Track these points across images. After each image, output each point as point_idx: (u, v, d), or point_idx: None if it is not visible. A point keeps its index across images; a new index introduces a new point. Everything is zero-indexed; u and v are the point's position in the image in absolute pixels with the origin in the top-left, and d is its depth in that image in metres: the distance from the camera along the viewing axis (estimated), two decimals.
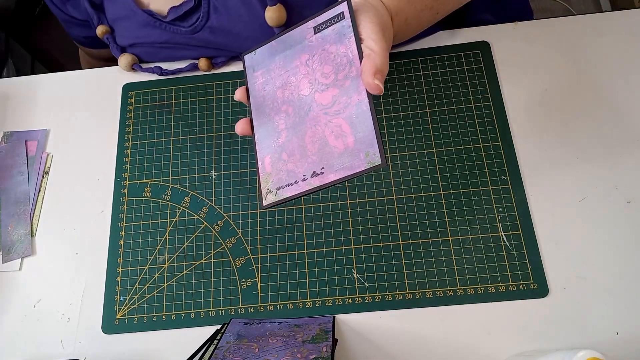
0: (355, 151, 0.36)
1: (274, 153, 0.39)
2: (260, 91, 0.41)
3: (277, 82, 0.40)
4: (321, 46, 0.39)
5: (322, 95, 0.38)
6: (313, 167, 0.37)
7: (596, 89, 0.57)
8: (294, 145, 0.38)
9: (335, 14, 0.39)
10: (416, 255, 0.52)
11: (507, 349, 0.48)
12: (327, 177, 0.36)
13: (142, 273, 0.54)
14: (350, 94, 0.37)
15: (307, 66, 0.39)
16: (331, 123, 0.37)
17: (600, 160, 0.54)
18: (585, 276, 0.50)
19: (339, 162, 0.36)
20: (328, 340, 0.43)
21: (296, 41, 0.40)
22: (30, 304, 0.54)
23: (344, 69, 0.37)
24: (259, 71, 0.42)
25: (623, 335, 0.47)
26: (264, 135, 0.40)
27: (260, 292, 0.52)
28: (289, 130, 0.39)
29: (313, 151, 0.37)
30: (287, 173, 0.38)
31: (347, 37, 0.38)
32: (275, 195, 0.38)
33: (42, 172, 0.60)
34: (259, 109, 0.40)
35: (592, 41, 0.59)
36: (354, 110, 0.36)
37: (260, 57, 0.42)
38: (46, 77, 0.66)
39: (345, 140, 0.36)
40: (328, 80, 0.38)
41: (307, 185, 0.37)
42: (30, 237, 0.57)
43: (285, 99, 0.39)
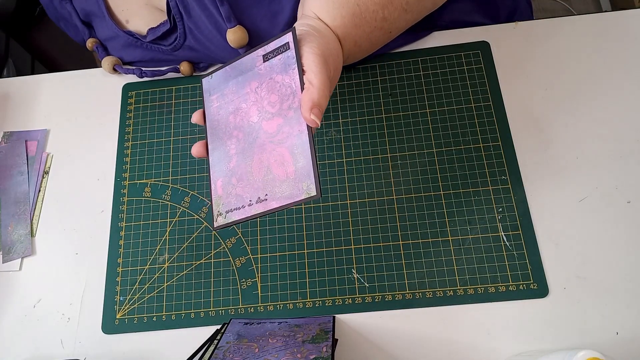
0: (295, 180, 0.37)
1: (225, 177, 0.40)
2: (215, 115, 0.42)
3: (230, 107, 0.41)
4: (269, 75, 0.40)
5: (268, 123, 0.39)
6: (258, 193, 0.38)
7: (596, 89, 0.57)
8: (243, 171, 0.39)
9: (282, 44, 0.39)
10: (416, 255, 0.52)
11: (507, 349, 0.48)
12: (269, 204, 0.37)
13: (142, 273, 0.54)
14: (293, 124, 0.38)
15: (257, 93, 0.40)
16: (275, 151, 0.38)
17: (600, 160, 0.54)
18: (585, 276, 0.50)
19: (279, 191, 0.37)
20: (328, 340, 0.43)
21: (247, 68, 0.41)
22: (30, 304, 0.54)
23: (288, 99, 0.38)
24: (214, 95, 0.43)
25: (623, 335, 0.47)
26: (217, 158, 0.41)
27: (260, 292, 0.52)
28: (239, 155, 0.40)
29: (259, 177, 0.38)
30: (236, 197, 0.39)
31: (291, 68, 0.39)
32: (225, 218, 0.39)
33: (42, 172, 0.60)
34: (214, 133, 0.41)
35: (592, 41, 0.59)
36: (295, 141, 0.37)
37: (216, 81, 0.43)
38: (46, 77, 0.66)
39: (286, 169, 0.37)
40: (274, 109, 0.39)
41: (253, 210, 0.38)
42: (30, 237, 0.57)
43: (236, 124, 0.40)
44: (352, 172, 0.56)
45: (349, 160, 0.56)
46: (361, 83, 0.60)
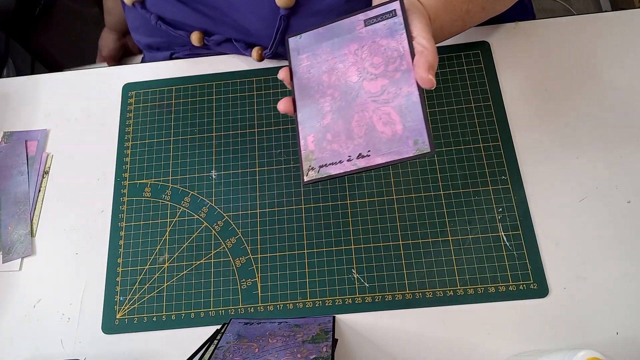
0: (403, 138, 0.38)
1: (318, 133, 0.41)
2: (305, 73, 0.43)
3: (324, 66, 0.42)
4: (371, 38, 0.41)
5: (370, 83, 0.40)
6: (359, 149, 0.39)
7: (596, 89, 0.57)
8: (340, 128, 0.40)
9: (387, 11, 0.41)
10: (416, 255, 0.52)
11: (507, 349, 0.48)
12: (373, 160, 0.38)
13: (142, 273, 0.54)
14: (400, 85, 0.39)
15: (356, 55, 0.41)
16: (379, 110, 0.39)
17: (600, 160, 0.54)
18: (585, 276, 0.50)
19: (386, 147, 0.38)
20: (328, 340, 0.43)
21: (345, 31, 0.42)
22: (30, 304, 0.54)
23: (395, 62, 0.40)
24: (304, 54, 0.44)
25: (623, 335, 0.47)
26: (307, 115, 0.42)
27: (260, 292, 0.52)
28: (335, 112, 0.41)
29: (359, 134, 0.39)
30: (332, 152, 0.40)
31: (398, 33, 0.40)
32: (318, 173, 0.39)
33: (42, 172, 0.60)
34: (303, 91, 0.42)
35: (592, 41, 0.59)
36: (403, 101, 0.38)
37: (306, 41, 0.44)
38: (46, 77, 0.66)
39: (393, 127, 0.38)
40: (377, 70, 0.40)
41: (353, 165, 0.39)
42: (30, 237, 0.57)
43: (331, 83, 0.42)
44: None
45: None
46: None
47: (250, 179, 0.57)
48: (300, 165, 0.41)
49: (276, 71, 0.61)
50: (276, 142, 0.58)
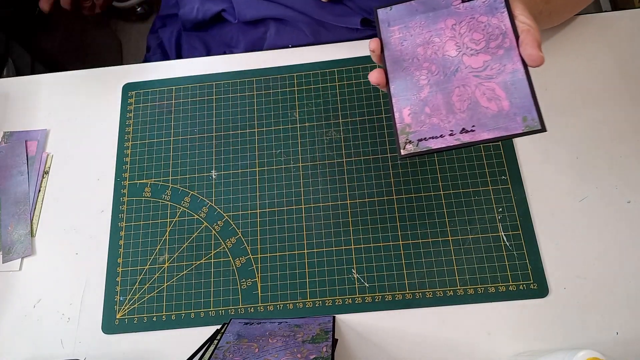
0: (510, 114, 0.37)
1: (414, 106, 0.40)
2: (397, 45, 0.42)
3: (418, 39, 0.42)
4: (470, 14, 0.41)
5: (471, 58, 0.40)
6: (462, 124, 0.38)
7: (596, 89, 0.57)
8: (439, 101, 0.40)
9: None
10: (416, 255, 0.52)
11: (507, 349, 0.48)
12: (479, 135, 0.38)
13: (142, 273, 0.54)
14: (504, 62, 0.39)
15: (454, 30, 0.41)
16: (482, 85, 0.39)
17: (600, 160, 0.54)
18: (585, 276, 0.50)
19: (492, 123, 0.38)
20: (328, 340, 0.43)
21: (440, 5, 0.42)
22: (30, 304, 0.54)
23: (497, 39, 0.40)
24: (395, 26, 0.43)
25: (623, 335, 0.47)
26: (402, 87, 0.41)
27: (260, 292, 0.52)
28: (432, 86, 0.40)
29: (461, 109, 0.39)
30: (431, 126, 0.39)
31: (499, 11, 0.40)
32: (417, 146, 0.39)
33: (42, 172, 0.60)
34: (396, 63, 0.42)
35: (592, 41, 0.59)
36: (508, 77, 0.38)
37: (397, 13, 0.43)
38: (46, 77, 0.66)
39: (499, 103, 0.38)
40: (478, 46, 0.40)
41: (456, 140, 0.38)
42: (30, 237, 0.57)
43: (427, 56, 0.41)
44: (352, 172, 0.56)
45: (349, 160, 0.56)
46: (361, 83, 0.60)
47: (250, 179, 0.57)
48: (395, 139, 0.40)
49: (277, 70, 0.62)
50: (276, 142, 0.58)
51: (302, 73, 0.61)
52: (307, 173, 0.56)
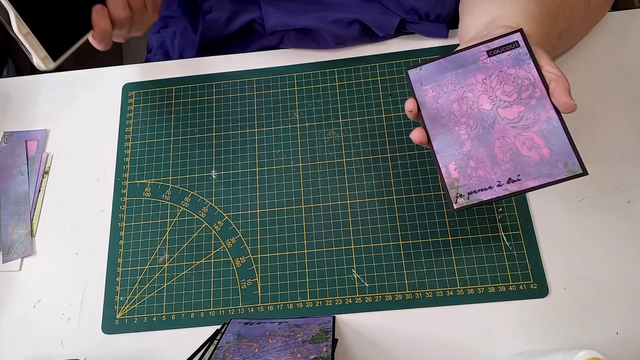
0: (552, 161, 0.39)
1: (459, 160, 0.42)
2: (433, 103, 0.44)
3: (452, 96, 0.43)
4: (498, 68, 0.43)
5: (506, 110, 0.41)
6: (508, 174, 0.40)
7: (596, 89, 0.57)
8: (482, 154, 0.41)
9: (509, 42, 0.43)
10: (416, 255, 0.52)
11: (507, 349, 0.48)
12: (525, 184, 0.40)
13: (142, 273, 0.54)
14: (538, 111, 0.40)
15: (485, 84, 0.43)
16: (521, 135, 0.40)
17: (600, 160, 0.54)
18: (585, 276, 0.50)
19: (536, 171, 0.39)
20: (328, 340, 0.43)
21: (469, 61, 0.44)
22: (30, 304, 0.54)
23: (527, 89, 0.41)
24: (427, 85, 0.45)
25: (623, 335, 0.47)
26: (444, 144, 0.43)
27: (260, 292, 0.52)
28: (473, 140, 0.42)
29: (505, 160, 0.41)
30: (479, 179, 0.41)
31: (525, 63, 0.42)
32: (468, 199, 0.41)
33: (42, 172, 0.60)
34: (435, 120, 0.43)
35: (592, 41, 0.59)
36: (544, 126, 0.40)
37: (427, 72, 0.45)
38: (46, 77, 0.66)
39: (539, 151, 0.40)
40: (511, 98, 0.42)
41: (504, 190, 0.40)
42: (30, 237, 0.57)
43: (463, 112, 0.43)
44: (352, 172, 0.56)
45: (349, 160, 0.56)
46: (361, 83, 0.60)
47: (250, 179, 0.57)
48: (446, 193, 0.42)
49: (277, 70, 0.62)
50: (276, 142, 0.58)
51: (302, 73, 0.61)
52: (307, 173, 0.56)
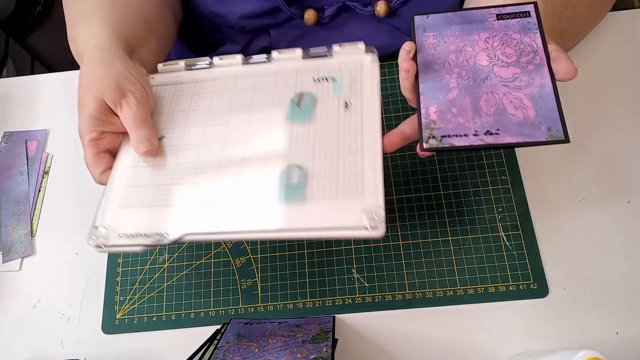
0: (536, 123, 0.39)
1: (442, 105, 0.42)
2: (430, 50, 0.44)
3: (451, 47, 0.44)
4: (503, 31, 0.43)
5: (501, 69, 0.42)
6: (487, 126, 0.40)
7: (596, 89, 0.57)
8: (466, 104, 0.41)
9: (522, 10, 0.43)
10: (416, 255, 0.52)
11: (507, 349, 0.48)
12: (502, 138, 0.39)
13: (142, 273, 0.54)
14: (533, 76, 0.41)
15: (487, 43, 0.43)
16: (510, 94, 0.40)
17: (600, 160, 0.54)
18: (585, 276, 0.50)
19: (517, 129, 0.39)
20: (328, 340, 0.43)
21: (476, 20, 0.44)
22: (30, 304, 0.54)
23: (528, 55, 0.42)
24: (430, 32, 0.45)
25: (623, 335, 0.47)
26: (431, 87, 0.43)
27: (260, 292, 0.52)
28: (462, 89, 0.42)
29: (488, 113, 0.40)
30: (456, 125, 0.41)
31: (532, 32, 0.42)
32: (440, 142, 0.40)
33: (42, 172, 0.60)
34: (427, 65, 0.44)
35: (592, 41, 0.59)
36: (536, 90, 0.40)
37: (433, 21, 0.45)
38: (46, 77, 0.66)
39: (525, 112, 0.40)
40: (509, 59, 0.42)
41: (479, 140, 0.40)
42: (30, 237, 0.57)
43: (458, 63, 0.43)
44: None
45: None
46: None
47: None
48: (419, 133, 0.41)
49: None
50: None
51: None
52: None
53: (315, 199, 0.42)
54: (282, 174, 0.43)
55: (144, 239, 0.42)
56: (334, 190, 0.42)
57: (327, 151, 0.44)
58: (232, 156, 0.45)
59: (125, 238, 0.42)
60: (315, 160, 0.44)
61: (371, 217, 0.41)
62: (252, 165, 0.44)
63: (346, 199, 0.42)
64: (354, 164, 0.43)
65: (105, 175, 0.46)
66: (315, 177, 0.43)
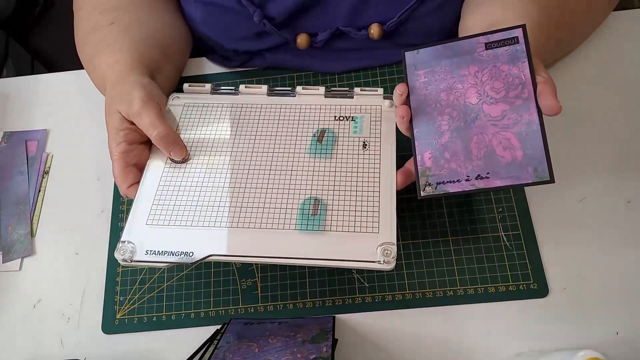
0: (523, 164, 0.40)
1: (435, 150, 0.43)
2: (422, 90, 0.44)
3: (442, 84, 0.44)
4: (492, 62, 0.43)
5: (491, 107, 0.42)
6: (478, 170, 0.41)
7: (596, 88, 0.57)
8: (458, 147, 0.42)
9: (510, 37, 0.42)
10: (416, 255, 0.52)
11: (507, 349, 0.48)
12: (492, 182, 0.40)
13: (142, 273, 0.54)
14: (521, 112, 0.41)
15: (476, 77, 0.43)
16: (499, 134, 0.41)
17: (601, 160, 0.54)
18: (585, 276, 0.50)
19: (505, 171, 0.40)
20: (328, 340, 0.43)
21: (465, 51, 0.44)
22: (30, 304, 0.54)
23: (516, 88, 0.41)
24: (421, 70, 0.45)
25: (623, 335, 0.47)
26: (424, 132, 0.44)
27: (260, 292, 0.52)
28: (453, 132, 0.42)
29: (478, 156, 0.41)
30: (449, 171, 0.42)
31: (520, 61, 0.42)
32: (435, 189, 0.42)
33: (42, 172, 0.60)
34: (420, 107, 0.44)
35: (592, 41, 0.59)
36: (524, 128, 0.41)
37: (424, 57, 0.45)
38: (46, 77, 0.66)
39: (513, 152, 0.40)
40: (498, 95, 0.42)
41: (471, 185, 0.41)
42: (30, 237, 0.57)
43: (449, 102, 0.43)
44: None
45: None
46: (361, 83, 0.60)
47: None
48: (416, 180, 0.43)
49: (280, 73, 0.62)
50: None
51: (302, 73, 0.61)
52: None
53: (333, 231, 0.44)
54: (302, 205, 0.46)
55: (170, 257, 0.44)
56: (350, 224, 0.45)
57: (346, 187, 0.47)
58: (256, 183, 0.48)
59: (151, 255, 0.44)
60: (334, 195, 0.46)
61: (385, 253, 0.43)
62: (275, 194, 0.47)
63: (362, 233, 0.44)
64: (371, 201, 0.46)
65: (132, 190, 0.49)
66: (333, 210, 0.46)
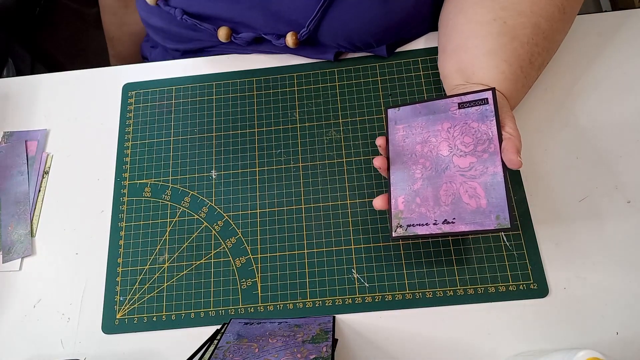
0: (486, 212, 0.43)
1: (408, 195, 0.47)
2: (400, 141, 0.49)
3: (418, 138, 0.48)
4: (463, 120, 0.47)
5: (460, 159, 0.46)
6: (445, 215, 0.44)
7: (596, 89, 0.57)
8: (429, 194, 0.46)
9: (480, 98, 0.47)
10: (416, 255, 0.52)
11: (507, 349, 0.48)
12: (457, 227, 0.44)
13: (142, 273, 0.54)
14: (487, 165, 0.44)
15: (448, 133, 0.47)
16: (466, 184, 0.45)
17: (600, 160, 0.54)
18: (585, 276, 0.50)
19: (470, 217, 0.43)
20: (328, 340, 0.43)
21: (440, 110, 0.48)
22: (30, 304, 0.54)
23: (484, 144, 0.45)
24: (400, 125, 0.50)
25: (623, 335, 0.47)
26: (400, 178, 0.48)
27: (260, 292, 0.52)
28: (425, 180, 0.46)
29: (446, 202, 0.45)
30: (419, 215, 0.45)
31: (488, 119, 0.46)
32: (406, 231, 0.46)
33: (42, 172, 0.60)
34: (397, 156, 0.49)
35: (592, 41, 0.59)
36: (489, 179, 0.44)
37: (403, 114, 0.50)
38: (46, 77, 0.66)
39: (478, 201, 0.44)
40: (467, 149, 0.46)
41: (438, 229, 0.44)
42: (30, 237, 0.57)
43: (424, 153, 0.47)
44: (352, 172, 0.56)
45: (349, 160, 0.56)
46: (361, 83, 0.60)
47: (250, 179, 0.57)
48: (389, 221, 0.46)
49: (277, 70, 0.62)
50: (276, 142, 0.58)
51: (302, 73, 0.61)
52: (307, 173, 0.56)
53: None
54: None
55: None
56: None
57: None
58: None
59: None
60: None
61: None
62: None
63: None
64: None
65: None
66: None
